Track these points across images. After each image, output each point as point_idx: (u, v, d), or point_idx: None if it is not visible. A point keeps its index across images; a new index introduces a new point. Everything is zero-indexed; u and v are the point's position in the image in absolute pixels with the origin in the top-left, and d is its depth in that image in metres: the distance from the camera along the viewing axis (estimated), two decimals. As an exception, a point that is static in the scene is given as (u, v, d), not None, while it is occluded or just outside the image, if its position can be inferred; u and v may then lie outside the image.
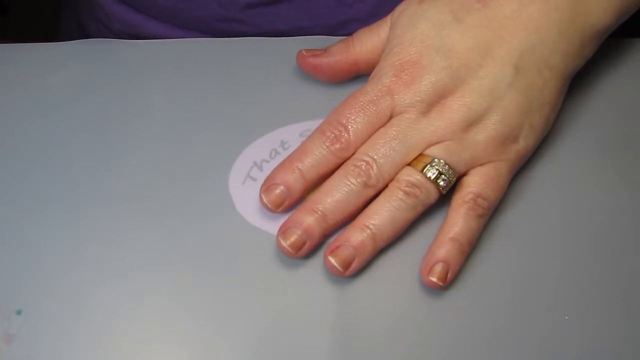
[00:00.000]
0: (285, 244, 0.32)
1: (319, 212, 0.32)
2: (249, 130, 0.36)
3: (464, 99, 0.33)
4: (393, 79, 0.33)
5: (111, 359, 0.31)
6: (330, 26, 0.42)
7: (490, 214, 0.34)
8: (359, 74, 0.37)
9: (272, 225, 0.34)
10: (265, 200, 0.33)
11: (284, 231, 0.33)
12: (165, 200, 0.35)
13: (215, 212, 0.34)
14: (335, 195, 0.33)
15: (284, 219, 0.34)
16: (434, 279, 0.32)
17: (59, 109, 0.37)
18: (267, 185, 0.33)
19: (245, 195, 0.35)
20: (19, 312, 0.32)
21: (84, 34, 0.51)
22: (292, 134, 0.37)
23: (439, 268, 0.32)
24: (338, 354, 0.32)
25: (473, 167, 0.33)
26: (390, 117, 0.34)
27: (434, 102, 0.33)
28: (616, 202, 0.35)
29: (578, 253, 0.34)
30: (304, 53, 0.37)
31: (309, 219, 0.32)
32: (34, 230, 0.34)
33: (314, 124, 0.35)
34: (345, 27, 0.42)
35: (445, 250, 0.32)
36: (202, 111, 0.37)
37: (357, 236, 0.32)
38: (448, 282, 0.32)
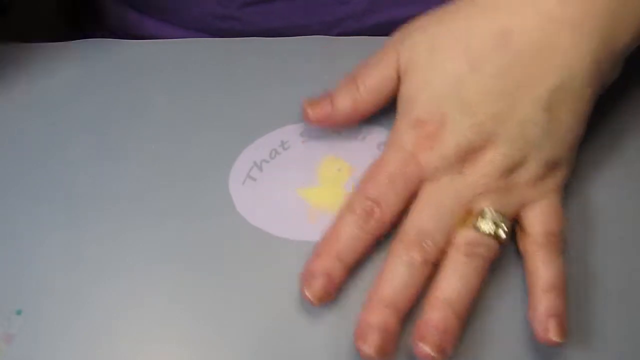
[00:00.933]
0: (369, 351, 0.30)
1: (390, 307, 0.31)
2: (249, 130, 0.36)
3: (497, 150, 0.31)
4: (415, 144, 0.32)
5: (111, 359, 0.31)
6: (327, 23, 0.42)
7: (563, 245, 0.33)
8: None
9: (272, 226, 0.34)
10: (309, 294, 0.31)
11: (362, 337, 0.30)
12: (165, 200, 0.35)
13: (215, 212, 0.34)
14: (399, 284, 0.31)
15: (284, 219, 0.34)
16: (556, 339, 0.30)
17: (59, 109, 0.37)
18: (308, 278, 0.32)
19: (245, 195, 0.35)
20: (19, 312, 0.32)
21: (84, 34, 0.51)
22: (292, 134, 0.37)
23: (553, 324, 0.30)
24: (338, 354, 0.32)
25: (525, 207, 0.32)
26: (420, 182, 0.32)
27: (464, 160, 0.32)
28: (616, 202, 0.35)
29: (578, 253, 0.34)
30: (309, 112, 0.35)
31: (382, 318, 0.30)
32: (34, 230, 0.34)
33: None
34: (342, 25, 0.42)
35: (549, 302, 0.31)
36: (202, 111, 0.37)
37: (438, 316, 0.30)
38: (566, 333, 0.30)
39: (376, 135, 0.36)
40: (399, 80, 0.34)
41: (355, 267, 0.32)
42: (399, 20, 0.45)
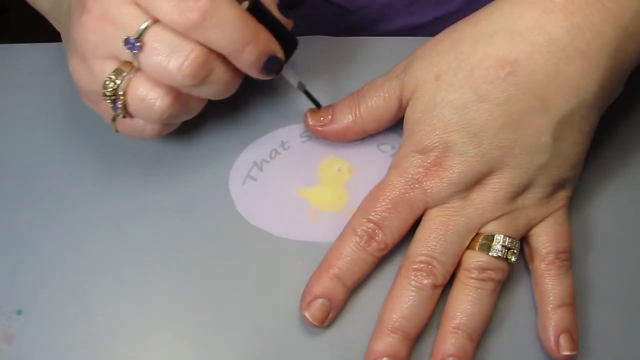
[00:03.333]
0: None
1: (399, 332, 0.31)
2: (249, 130, 0.36)
3: (504, 176, 0.31)
4: (420, 170, 0.32)
5: (111, 359, 0.31)
6: (335, 33, 0.42)
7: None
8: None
9: (272, 225, 0.34)
10: (308, 317, 0.31)
11: None
12: (166, 200, 0.35)
13: (215, 212, 0.34)
14: (408, 309, 0.31)
15: (284, 219, 0.34)
16: (568, 353, 0.31)
17: (59, 109, 0.37)
18: (307, 300, 0.32)
19: (245, 195, 0.35)
20: (19, 312, 0.32)
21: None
22: (292, 134, 0.37)
23: (565, 340, 0.31)
24: (338, 354, 0.32)
25: (532, 227, 0.32)
26: (425, 208, 0.32)
27: (470, 186, 0.32)
28: (616, 202, 0.35)
29: (579, 253, 0.34)
30: (309, 120, 0.35)
31: (391, 346, 0.31)
32: (34, 230, 0.34)
33: (314, 124, 0.35)
34: (349, 34, 0.42)
35: (560, 318, 0.31)
36: (203, 111, 0.37)
37: (453, 342, 0.31)
38: (577, 346, 0.31)
39: (376, 136, 0.36)
40: (400, 107, 0.34)
41: (355, 288, 0.32)
42: (406, 30, 0.45)
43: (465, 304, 0.31)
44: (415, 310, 0.31)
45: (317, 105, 0.35)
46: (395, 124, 0.35)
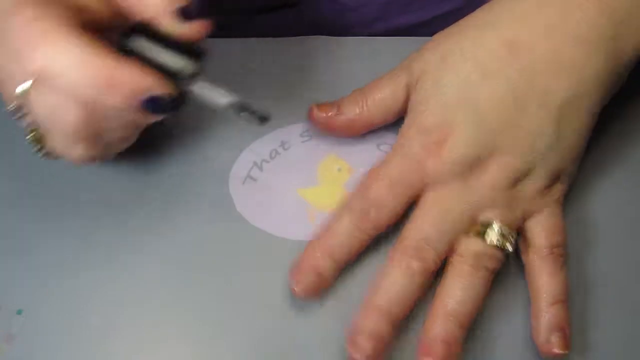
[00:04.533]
0: (358, 357, 0.30)
1: (385, 315, 0.30)
2: (249, 130, 0.36)
3: (505, 160, 0.31)
4: (422, 149, 0.32)
5: (111, 359, 0.31)
6: (335, 32, 0.42)
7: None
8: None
9: (272, 225, 0.34)
10: (297, 290, 0.31)
11: (353, 342, 0.30)
12: (166, 200, 0.35)
13: (215, 212, 0.34)
14: (397, 291, 0.31)
15: (284, 219, 0.34)
16: (559, 350, 0.31)
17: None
18: (298, 274, 0.32)
19: (245, 195, 0.35)
20: (19, 312, 0.32)
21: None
22: (292, 134, 0.37)
23: (557, 338, 0.31)
24: (338, 354, 0.32)
25: (527, 218, 0.32)
26: (423, 188, 0.32)
27: (471, 168, 0.31)
28: (615, 200, 0.35)
29: (577, 250, 0.34)
30: (315, 111, 0.35)
31: (375, 326, 0.30)
32: (34, 231, 0.34)
33: (314, 124, 0.35)
34: (350, 32, 0.42)
35: (553, 315, 0.31)
36: (202, 111, 0.37)
37: (442, 327, 0.30)
38: (569, 344, 0.31)
39: (376, 135, 0.36)
40: (407, 97, 0.34)
41: (346, 265, 0.32)
42: (407, 27, 0.45)
43: (457, 290, 0.31)
44: (402, 294, 0.31)
45: (263, 120, 0.30)
46: (395, 124, 0.35)
